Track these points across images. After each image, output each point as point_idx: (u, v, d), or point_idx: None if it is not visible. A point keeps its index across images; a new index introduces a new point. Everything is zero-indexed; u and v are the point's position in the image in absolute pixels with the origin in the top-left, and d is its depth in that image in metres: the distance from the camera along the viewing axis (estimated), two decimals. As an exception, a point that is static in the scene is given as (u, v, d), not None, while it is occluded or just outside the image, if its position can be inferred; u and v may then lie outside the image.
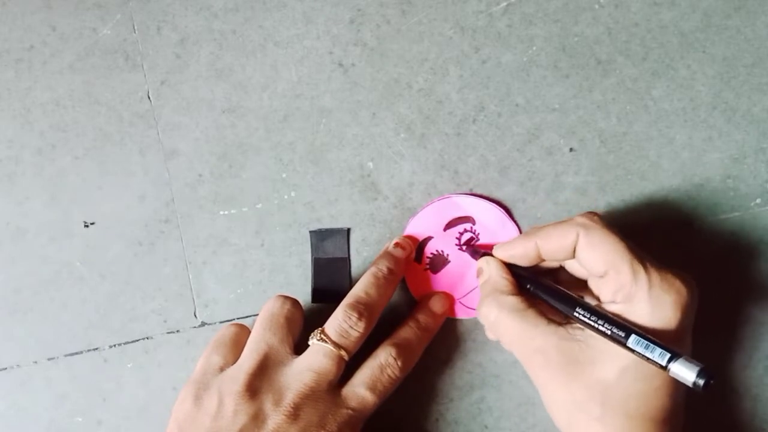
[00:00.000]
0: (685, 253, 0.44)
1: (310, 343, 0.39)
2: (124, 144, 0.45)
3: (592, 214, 0.38)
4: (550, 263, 0.41)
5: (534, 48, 0.45)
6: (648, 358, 0.34)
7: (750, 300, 0.44)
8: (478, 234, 0.44)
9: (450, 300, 0.44)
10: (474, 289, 0.44)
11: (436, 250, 0.44)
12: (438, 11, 0.45)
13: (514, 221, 0.44)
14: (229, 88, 0.45)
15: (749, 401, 0.43)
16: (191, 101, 0.45)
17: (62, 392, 0.44)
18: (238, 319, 0.45)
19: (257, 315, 0.41)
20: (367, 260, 0.44)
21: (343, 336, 0.39)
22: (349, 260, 0.45)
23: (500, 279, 0.40)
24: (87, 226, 0.45)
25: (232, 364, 0.40)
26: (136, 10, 0.46)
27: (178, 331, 0.45)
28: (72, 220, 0.45)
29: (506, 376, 0.44)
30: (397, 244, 0.43)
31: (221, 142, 0.45)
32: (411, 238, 0.44)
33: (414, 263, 0.44)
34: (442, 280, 0.44)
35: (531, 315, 0.38)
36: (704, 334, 0.38)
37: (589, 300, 0.39)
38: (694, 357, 0.34)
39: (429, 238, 0.44)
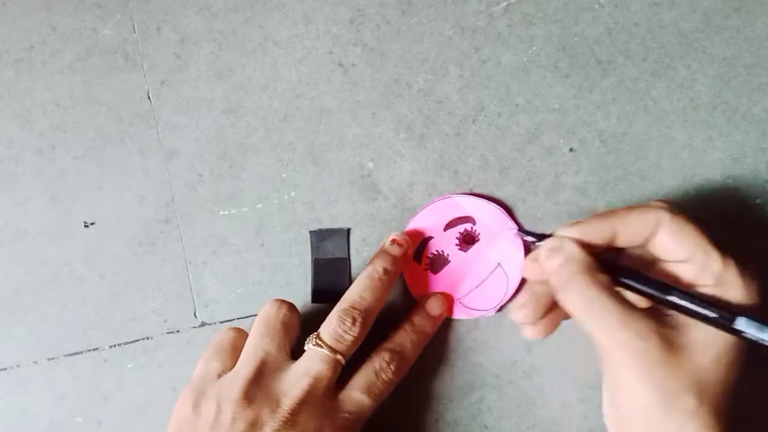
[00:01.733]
0: (685, 253, 0.44)
1: (306, 348, 0.39)
2: (124, 144, 0.45)
3: (664, 202, 0.37)
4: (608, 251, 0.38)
5: (534, 48, 0.45)
6: (764, 341, 0.33)
7: (750, 300, 0.44)
8: (479, 234, 0.44)
9: (449, 300, 0.44)
10: (474, 289, 0.44)
11: (436, 250, 0.44)
12: (438, 11, 0.45)
13: (515, 221, 0.44)
14: (229, 88, 0.45)
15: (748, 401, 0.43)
16: (191, 101, 0.45)
17: (62, 392, 0.44)
18: (237, 319, 0.45)
19: (257, 316, 0.41)
20: (366, 260, 0.44)
21: (338, 340, 0.39)
22: (349, 260, 0.45)
23: (587, 257, 0.36)
24: (87, 226, 0.45)
25: (230, 370, 0.39)
26: (136, 10, 0.46)
27: (178, 331, 0.45)
28: (72, 220, 0.45)
29: (506, 376, 0.44)
30: (393, 241, 0.43)
31: (221, 142, 0.45)
32: (409, 234, 0.44)
33: (414, 263, 0.44)
34: (442, 280, 0.44)
35: (625, 297, 0.35)
36: (704, 334, 0.38)
37: None
38: None
39: (429, 238, 0.44)
